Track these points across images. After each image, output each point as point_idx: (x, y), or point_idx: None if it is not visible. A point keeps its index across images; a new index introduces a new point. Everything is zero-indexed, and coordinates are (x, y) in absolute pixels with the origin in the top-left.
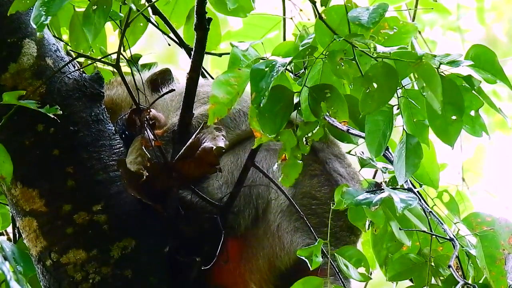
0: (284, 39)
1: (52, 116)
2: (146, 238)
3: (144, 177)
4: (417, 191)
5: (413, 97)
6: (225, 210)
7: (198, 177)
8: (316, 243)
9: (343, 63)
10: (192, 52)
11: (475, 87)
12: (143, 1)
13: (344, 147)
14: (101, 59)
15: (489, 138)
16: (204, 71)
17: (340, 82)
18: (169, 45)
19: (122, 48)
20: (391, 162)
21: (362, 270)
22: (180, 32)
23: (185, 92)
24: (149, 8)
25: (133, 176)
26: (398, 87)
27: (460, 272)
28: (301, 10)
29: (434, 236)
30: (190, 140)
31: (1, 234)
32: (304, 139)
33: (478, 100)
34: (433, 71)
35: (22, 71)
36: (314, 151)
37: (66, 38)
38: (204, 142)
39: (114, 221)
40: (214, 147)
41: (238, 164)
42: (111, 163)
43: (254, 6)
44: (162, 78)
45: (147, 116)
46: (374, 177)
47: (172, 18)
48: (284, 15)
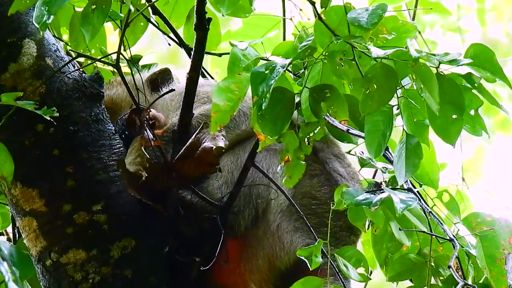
0: (284, 39)
1: (49, 119)
2: (146, 238)
3: (143, 178)
4: (417, 191)
5: (413, 97)
6: (225, 210)
7: (198, 177)
8: (316, 243)
9: (343, 64)
10: (192, 52)
11: (476, 85)
12: (143, 1)
13: (344, 147)
14: (101, 59)
15: (489, 137)
16: (204, 71)
17: (340, 82)
18: (169, 45)
19: (122, 48)
20: (391, 162)
21: (362, 271)
22: (180, 32)
23: (185, 92)
24: (149, 8)
25: (133, 177)
26: (398, 87)
27: (460, 272)
28: (301, 10)
29: (434, 236)
30: (190, 140)
31: (1, 234)
32: (306, 140)
33: (478, 99)
34: (430, 73)
35: (22, 71)
36: (314, 151)
37: (66, 38)
38: (204, 142)
39: (114, 221)
40: (214, 147)
41: (238, 164)
42: (111, 163)
43: (254, 8)
44: (162, 78)
45: (147, 116)
46: (374, 177)
47: (172, 18)
48: (284, 15)
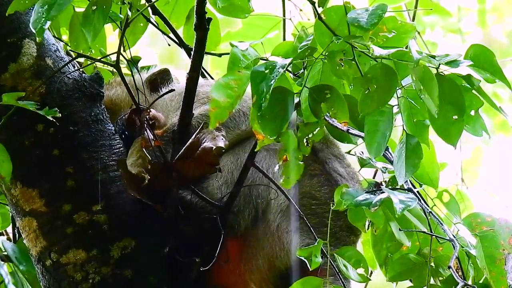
0: (284, 39)
1: (51, 119)
2: (146, 238)
3: (146, 181)
4: (417, 191)
5: (413, 97)
6: (225, 210)
7: (198, 177)
8: (316, 243)
9: (343, 64)
10: (192, 52)
11: (475, 87)
12: (143, 1)
13: (344, 148)
14: (101, 59)
15: (489, 138)
16: (204, 71)
17: (340, 83)
18: (169, 45)
19: (122, 48)
20: (391, 162)
21: (361, 271)
22: (180, 32)
23: (185, 92)
24: (149, 8)
25: (134, 178)
26: (398, 87)
27: (460, 273)
28: (301, 10)
29: (434, 237)
30: (190, 140)
31: (1, 234)
32: (305, 140)
33: (478, 100)
34: (430, 74)
35: (22, 71)
36: (314, 151)
37: (66, 38)
38: (204, 142)
39: (114, 221)
40: (214, 147)
41: (238, 164)
42: (111, 163)
43: (252, 8)
44: (161, 78)
45: (147, 116)
46: (374, 177)
47: (172, 18)
48: (284, 16)
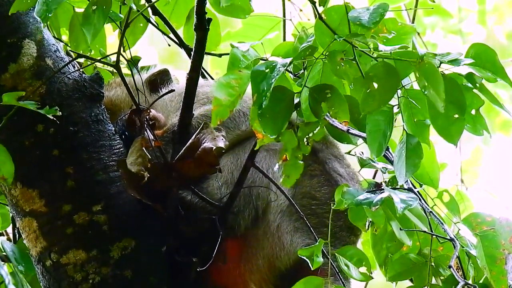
0: (284, 40)
1: (52, 118)
2: (146, 238)
3: (146, 179)
4: (417, 191)
5: (414, 97)
6: (225, 211)
7: (198, 178)
8: (317, 243)
9: (343, 63)
10: (192, 53)
11: (477, 84)
12: (143, 2)
13: (344, 148)
14: (101, 60)
15: (490, 137)
16: (204, 72)
17: (341, 82)
18: (169, 46)
19: (122, 49)
20: (391, 162)
21: (363, 270)
22: (180, 33)
23: (185, 92)
24: (149, 9)
25: (134, 177)
26: (398, 87)
27: (461, 272)
28: (301, 11)
29: (435, 236)
30: (190, 141)
31: (1, 235)
32: (305, 140)
33: (479, 99)
34: (435, 70)
35: (22, 72)
36: (314, 152)
37: (66, 39)
38: (204, 143)
39: (114, 222)
40: (214, 148)
41: (238, 165)
42: (111, 164)
43: (252, 8)
44: (161, 79)
45: (147, 117)
46: (374, 178)
47: (172, 19)
48: (284, 16)
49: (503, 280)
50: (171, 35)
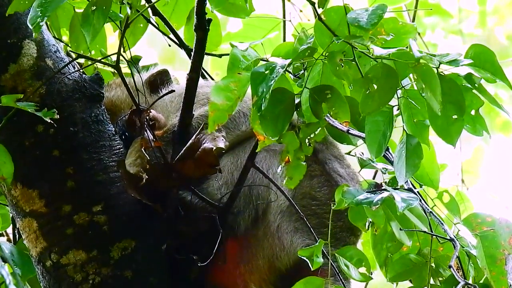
0: (284, 40)
1: (49, 121)
2: (146, 239)
3: (144, 180)
4: (417, 192)
5: (413, 98)
6: (225, 211)
7: (198, 178)
8: (317, 244)
9: (343, 64)
10: (192, 53)
11: (476, 85)
12: (143, 2)
13: (343, 149)
14: (101, 60)
15: (490, 137)
16: (204, 72)
17: (340, 83)
18: (169, 46)
19: (122, 49)
20: (391, 163)
21: (363, 270)
22: (181, 33)
23: (185, 93)
24: (149, 9)
25: (133, 178)
26: (398, 88)
27: (461, 273)
28: (301, 11)
29: (435, 237)
30: (190, 141)
31: (1, 235)
32: (307, 140)
33: (479, 100)
34: (432, 72)
35: (22, 72)
36: (314, 152)
37: (66, 39)
38: (204, 143)
39: (114, 222)
40: (214, 148)
41: (238, 165)
42: (111, 164)
43: (253, 8)
44: (161, 79)
45: (147, 117)
46: (374, 178)
47: (172, 19)
48: (284, 17)
49: (503, 281)
50: (171, 36)
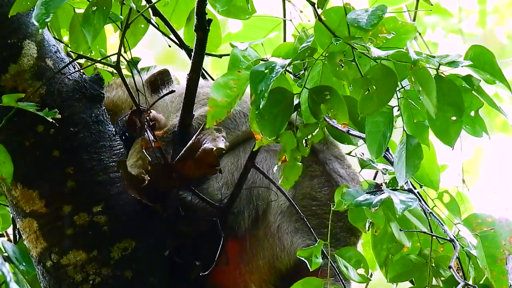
0: (284, 41)
1: (51, 120)
2: (146, 239)
3: (146, 182)
4: (417, 192)
5: (413, 98)
6: (225, 211)
7: (199, 178)
8: (316, 244)
9: (343, 65)
10: (193, 53)
11: (475, 87)
12: (144, 2)
13: (344, 149)
14: (102, 61)
15: (489, 138)
16: (205, 72)
17: (340, 84)
18: (170, 46)
19: (123, 50)
20: (391, 163)
21: (362, 271)
22: (181, 33)
23: (186, 93)
24: (150, 10)
25: (134, 178)
26: (398, 88)
27: (461, 273)
28: (301, 12)
29: (435, 237)
30: (191, 141)
31: (1, 236)
32: (304, 141)
33: (478, 101)
34: (428, 75)
35: (22, 72)
36: (314, 152)
37: (67, 40)
38: (205, 143)
39: (114, 222)
40: (215, 148)
41: (238, 165)
42: (111, 164)
43: (255, 9)
44: (161, 79)
45: (147, 117)
46: (375, 179)
47: (173, 19)
48: (284, 17)
49: (504, 280)
50: (172, 36)
